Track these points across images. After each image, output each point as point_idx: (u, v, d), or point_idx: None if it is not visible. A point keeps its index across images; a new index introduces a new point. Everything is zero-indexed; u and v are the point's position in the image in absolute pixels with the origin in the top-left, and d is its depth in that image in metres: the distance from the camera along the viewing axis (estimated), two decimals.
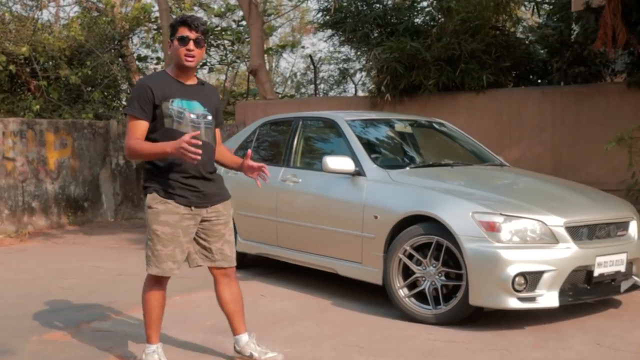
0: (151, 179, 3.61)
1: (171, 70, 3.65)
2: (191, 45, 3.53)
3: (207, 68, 16.66)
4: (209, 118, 3.65)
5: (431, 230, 4.56)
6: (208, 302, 5.24)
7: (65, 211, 10.29)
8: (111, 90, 13.99)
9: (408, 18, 10.79)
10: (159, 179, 3.58)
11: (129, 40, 15.83)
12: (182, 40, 3.52)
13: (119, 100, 14.49)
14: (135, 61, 15.52)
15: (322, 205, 5.52)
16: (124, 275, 6.43)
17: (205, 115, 3.63)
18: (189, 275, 4.59)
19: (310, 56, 15.30)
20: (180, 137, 3.34)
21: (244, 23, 15.09)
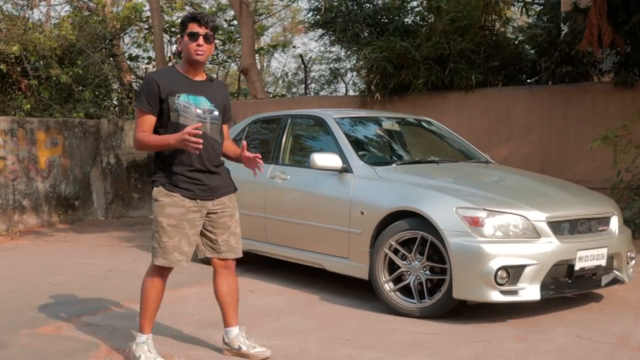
0: (158, 172, 3.70)
1: (180, 66, 3.74)
2: (201, 41, 3.61)
3: None
4: (216, 113, 3.73)
5: (416, 225, 4.63)
6: (197, 298, 5.30)
7: (56, 210, 10.31)
8: (102, 89, 13.99)
9: (398, 18, 10.87)
10: (165, 172, 3.65)
11: (120, 40, 15.85)
12: (192, 36, 3.61)
13: (109, 99, 14.51)
14: (127, 60, 15.53)
15: (310, 202, 5.59)
16: (114, 271, 6.48)
17: (211, 111, 3.71)
18: (179, 271, 4.64)
19: (301, 55, 15.37)
20: None
21: (235, 23, 15.14)
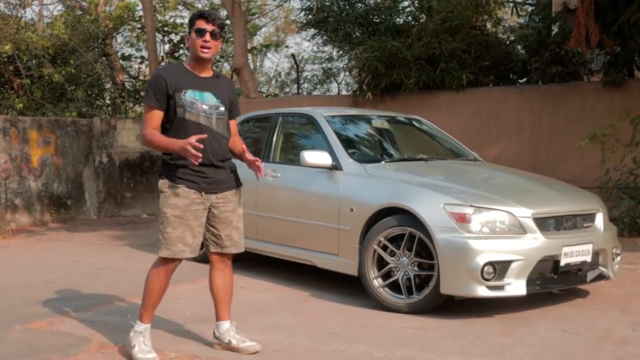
0: (164, 166, 3.77)
1: (188, 63, 3.81)
2: (207, 37, 3.68)
3: None
4: (221, 109, 3.79)
5: (404, 221, 4.69)
6: (189, 294, 5.35)
7: (48, 209, 10.33)
8: (95, 89, 14.00)
9: (389, 18, 10.93)
10: (171, 165, 3.72)
11: (113, 39, 15.85)
12: (199, 33, 3.68)
13: (102, 99, 14.51)
14: (119, 60, 15.53)
15: (301, 199, 5.64)
16: (105, 269, 6.52)
17: (217, 107, 3.77)
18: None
19: (293, 55, 15.41)
20: (191, 127, 3.60)
21: (227, 22, 15.16)
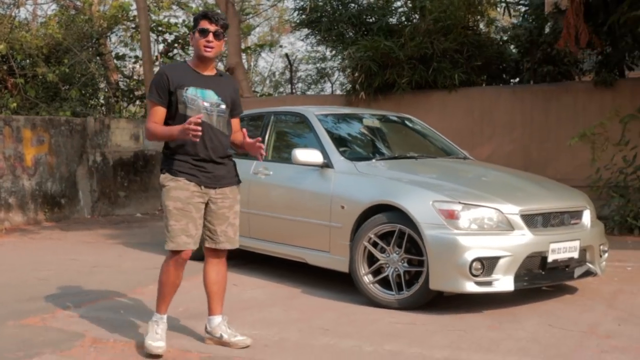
0: (165, 161, 3.85)
1: (191, 61, 3.90)
2: (210, 37, 3.76)
3: None
4: (222, 107, 3.86)
5: (394, 218, 4.75)
6: (181, 290, 5.34)
7: (42, 207, 10.35)
8: (89, 88, 13.99)
9: (382, 17, 10.98)
10: (172, 160, 3.81)
11: (107, 39, 15.86)
12: (203, 33, 3.76)
13: (96, 98, 14.51)
14: (113, 59, 15.54)
15: (292, 197, 5.70)
16: (99, 267, 6.56)
17: (218, 104, 3.84)
18: None
19: (287, 55, 15.45)
20: None
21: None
